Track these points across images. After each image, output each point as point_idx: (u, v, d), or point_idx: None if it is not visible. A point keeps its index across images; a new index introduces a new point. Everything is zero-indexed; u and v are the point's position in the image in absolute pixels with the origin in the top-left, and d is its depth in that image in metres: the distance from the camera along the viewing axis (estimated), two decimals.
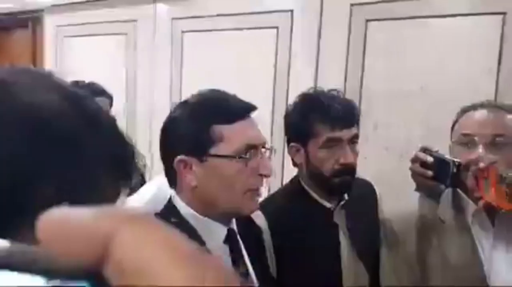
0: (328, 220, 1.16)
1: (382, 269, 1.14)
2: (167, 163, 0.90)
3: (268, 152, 0.93)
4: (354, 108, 1.15)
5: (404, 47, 1.88)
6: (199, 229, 0.89)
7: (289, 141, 1.19)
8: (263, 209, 1.14)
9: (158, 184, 1.16)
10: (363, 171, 1.25)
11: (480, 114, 1.05)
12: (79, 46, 3.00)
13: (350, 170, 1.12)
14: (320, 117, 1.10)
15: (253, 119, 0.92)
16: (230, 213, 0.92)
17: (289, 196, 1.21)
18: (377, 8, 1.93)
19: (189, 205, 0.90)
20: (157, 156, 0.94)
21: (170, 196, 0.94)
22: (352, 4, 1.97)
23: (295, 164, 1.19)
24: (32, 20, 3.36)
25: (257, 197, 0.92)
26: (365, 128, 1.30)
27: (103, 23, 2.81)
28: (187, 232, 0.94)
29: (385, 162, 1.86)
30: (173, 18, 2.56)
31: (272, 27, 2.21)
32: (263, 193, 0.97)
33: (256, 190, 0.91)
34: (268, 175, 0.90)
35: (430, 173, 1.06)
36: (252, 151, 0.88)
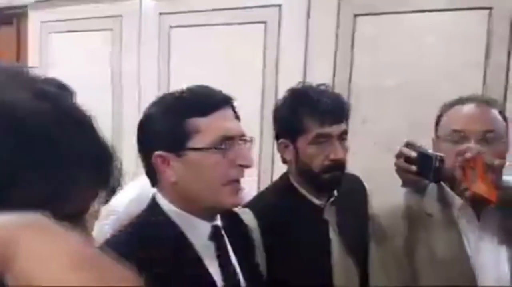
0: (318, 216, 1.16)
1: (371, 264, 1.14)
2: (146, 160, 0.89)
3: (248, 143, 0.91)
4: (344, 103, 1.15)
5: (393, 42, 1.88)
6: (183, 226, 0.87)
7: (278, 138, 1.18)
8: (253, 206, 1.13)
9: (142, 183, 1.14)
10: (352, 165, 1.24)
11: (470, 110, 1.05)
12: (64, 43, 2.95)
13: (340, 165, 1.12)
14: (309, 112, 1.09)
15: (230, 111, 0.90)
16: (212, 207, 0.90)
17: (279, 193, 1.20)
18: (366, 3, 1.92)
19: (172, 202, 0.89)
20: None
21: (153, 194, 0.92)
22: None
23: (285, 160, 1.18)
24: (17, 17, 3.30)
25: (239, 190, 0.90)
26: (354, 123, 1.30)
27: (88, 19, 2.76)
28: (171, 229, 0.92)
29: (374, 156, 1.86)
30: (161, 13, 2.53)
31: (260, 22, 2.19)
32: (252, 188, 0.96)
33: (237, 181, 0.89)
34: (248, 165, 0.89)
35: (414, 168, 1.06)
36: (229, 141, 0.86)
